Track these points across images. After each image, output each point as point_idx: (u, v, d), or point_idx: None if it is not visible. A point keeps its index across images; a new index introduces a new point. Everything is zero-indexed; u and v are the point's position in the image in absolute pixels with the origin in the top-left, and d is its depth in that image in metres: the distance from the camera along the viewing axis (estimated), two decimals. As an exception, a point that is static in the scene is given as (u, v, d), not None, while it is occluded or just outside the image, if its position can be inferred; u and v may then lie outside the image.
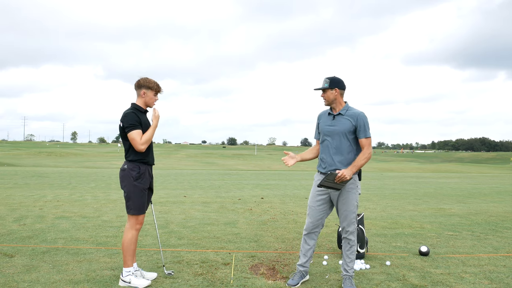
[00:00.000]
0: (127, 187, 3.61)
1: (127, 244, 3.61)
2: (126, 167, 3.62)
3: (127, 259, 3.61)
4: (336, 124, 3.61)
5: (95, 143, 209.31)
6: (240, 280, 3.74)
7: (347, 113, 3.61)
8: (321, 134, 3.71)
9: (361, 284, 3.67)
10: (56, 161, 47.08)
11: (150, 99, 3.77)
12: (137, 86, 3.76)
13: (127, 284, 3.54)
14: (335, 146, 3.60)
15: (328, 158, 3.62)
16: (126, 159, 3.67)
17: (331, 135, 3.61)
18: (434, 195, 12.24)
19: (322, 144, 3.69)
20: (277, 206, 8.81)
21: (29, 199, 9.27)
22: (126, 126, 3.56)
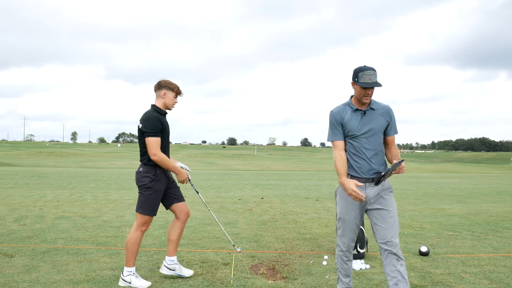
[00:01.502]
0: (142, 188, 3.62)
1: (130, 244, 3.61)
2: (142, 169, 3.62)
3: (129, 259, 3.61)
4: (371, 121, 3.06)
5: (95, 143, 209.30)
6: (240, 280, 3.74)
7: (378, 107, 3.11)
8: (349, 134, 3.08)
9: (361, 284, 3.67)
10: (56, 161, 47.08)
11: (170, 100, 3.73)
12: (158, 87, 3.73)
13: (127, 284, 3.54)
14: (372, 147, 3.06)
15: (363, 162, 3.05)
16: (141, 162, 3.66)
17: (368, 135, 3.05)
18: (434, 195, 12.23)
19: (353, 146, 3.08)
20: (277, 206, 8.81)
21: (29, 199, 9.27)
22: (146, 131, 3.52)
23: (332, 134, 3.16)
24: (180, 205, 3.81)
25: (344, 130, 3.11)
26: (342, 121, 3.11)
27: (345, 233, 3.13)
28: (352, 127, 3.07)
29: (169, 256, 3.77)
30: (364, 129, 3.05)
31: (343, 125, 3.11)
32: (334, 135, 3.14)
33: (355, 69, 3.03)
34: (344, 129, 3.11)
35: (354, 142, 3.08)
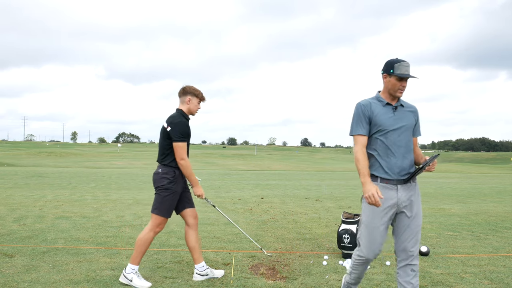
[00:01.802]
0: (159, 189, 3.63)
1: (141, 243, 3.61)
2: (161, 171, 3.64)
3: (136, 257, 3.61)
4: (403, 118, 2.87)
5: (95, 143, 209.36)
6: (240, 280, 3.74)
7: (406, 105, 2.94)
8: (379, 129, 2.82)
9: (361, 284, 3.66)
10: (56, 161, 47.09)
11: (195, 106, 3.81)
12: (183, 92, 3.81)
13: (127, 282, 3.54)
14: (404, 145, 2.83)
15: (394, 161, 2.80)
16: (160, 163, 3.68)
17: (400, 132, 2.83)
18: (434, 195, 12.24)
19: (383, 143, 2.81)
20: (277, 206, 8.81)
21: (29, 199, 9.28)
22: (175, 134, 3.58)
23: (356, 127, 2.88)
24: (190, 211, 3.82)
25: (372, 125, 2.85)
26: (371, 115, 2.85)
27: (374, 241, 2.80)
28: (383, 122, 2.82)
29: (197, 263, 3.76)
30: (396, 125, 2.83)
31: (372, 119, 2.85)
32: (358, 129, 2.86)
33: (388, 61, 2.84)
34: (373, 124, 2.85)
35: (384, 139, 2.81)
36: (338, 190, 13.45)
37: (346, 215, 4.67)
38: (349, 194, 11.99)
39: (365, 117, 2.86)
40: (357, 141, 2.87)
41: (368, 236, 2.83)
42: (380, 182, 2.81)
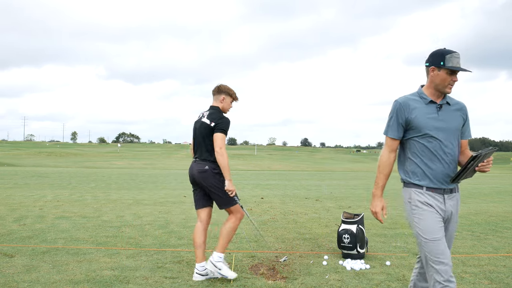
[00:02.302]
0: (215, 185, 3.69)
1: (230, 233, 3.72)
2: (208, 167, 3.70)
3: (224, 246, 3.73)
4: (449, 118, 2.53)
5: (95, 143, 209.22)
6: (240, 280, 3.74)
7: (452, 102, 2.59)
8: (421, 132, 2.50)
9: (361, 284, 3.67)
10: (56, 161, 47.08)
11: (228, 105, 3.92)
12: (217, 91, 3.91)
13: (216, 270, 3.63)
14: (451, 150, 2.51)
15: (440, 168, 2.49)
16: (205, 159, 3.73)
17: (445, 134, 2.50)
18: (434, 195, 12.23)
19: (425, 147, 2.50)
20: (277, 206, 8.81)
21: (29, 199, 9.28)
22: (219, 127, 3.68)
23: (388, 128, 2.59)
24: (209, 209, 3.90)
25: (411, 127, 2.52)
26: (409, 115, 2.52)
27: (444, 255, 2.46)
28: (425, 123, 2.49)
29: (199, 262, 3.77)
30: (441, 126, 2.49)
31: (410, 121, 2.52)
32: (391, 130, 2.57)
33: (437, 52, 2.52)
34: (411, 126, 2.52)
35: (427, 143, 2.50)
36: (338, 190, 13.45)
37: (346, 215, 4.67)
38: (349, 194, 11.99)
39: (400, 117, 2.55)
40: (386, 143, 2.61)
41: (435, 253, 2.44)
42: (426, 190, 2.51)
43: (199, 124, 3.82)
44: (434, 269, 2.43)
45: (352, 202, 9.87)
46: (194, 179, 3.77)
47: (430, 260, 2.44)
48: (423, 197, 2.50)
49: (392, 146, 2.60)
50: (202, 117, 3.84)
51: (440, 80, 2.49)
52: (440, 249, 2.45)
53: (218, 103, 3.89)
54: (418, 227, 2.50)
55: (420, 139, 2.52)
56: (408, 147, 2.58)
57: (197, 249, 3.80)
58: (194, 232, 3.85)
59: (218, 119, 3.73)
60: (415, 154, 2.55)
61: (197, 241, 3.81)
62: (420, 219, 2.49)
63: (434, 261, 2.43)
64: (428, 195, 2.50)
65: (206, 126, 3.73)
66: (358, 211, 8.04)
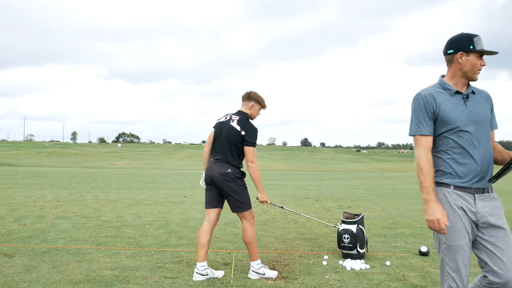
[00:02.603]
0: (235, 189, 3.74)
1: (253, 239, 3.80)
2: (230, 171, 3.73)
3: (255, 253, 3.81)
4: (477, 109, 2.32)
5: (95, 143, 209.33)
6: (240, 280, 3.74)
7: (477, 90, 2.40)
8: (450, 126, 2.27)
9: (361, 284, 3.67)
10: (56, 161, 47.08)
11: (256, 112, 3.98)
12: (247, 97, 3.96)
13: (259, 276, 3.74)
14: (483, 144, 2.29)
15: (471, 165, 2.27)
16: (228, 163, 3.75)
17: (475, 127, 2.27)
18: (434, 195, 12.22)
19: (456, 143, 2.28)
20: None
21: (29, 199, 9.28)
22: (250, 140, 3.77)
23: (417, 126, 2.31)
24: (219, 210, 3.93)
25: (439, 122, 2.28)
26: (437, 108, 2.28)
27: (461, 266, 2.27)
28: (454, 116, 2.26)
29: (200, 262, 3.77)
30: (471, 118, 2.27)
31: (438, 114, 2.28)
32: (421, 127, 2.30)
33: (462, 36, 2.33)
34: (440, 120, 2.28)
35: (457, 138, 2.27)
36: (338, 190, 13.44)
37: (346, 215, 4.67)
38: (349, 194, 11.99)
39: (428, 112, 2.28)
40: (419, 143, 2.30)
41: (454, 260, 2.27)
42: (454, 189, 2.28)
43: (227, 128, 3.81)
44: (450, 275, 2.29)
45: (352, 202, 9.87)
46: (213, 180, 3.77)
47: (447, 266, 2.30)
48: (450, 198, 2.27)
49: (428, 144, 2.30)
50: (230, 121, 3.84)
51: (471, 66, 2.30)
52: (460, 256, 2.25)
53: (246, 109, 3.94)
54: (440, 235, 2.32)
55: (450, 134, 2.28)
56: (435, 144, 2.34)
57: (200, 249, 3.79)
58: (200, 232, 3.85)
59: (249, 129, 3.79)
60: (443, 151, 2.31)
61: (201, 240, 3.81)
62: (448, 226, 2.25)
63: (451, 267, 2.28)
64: (456, 195, 2.27)
65: (236, 133, 3.76)
66: (358, 211, 8.04)
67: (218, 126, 3.92)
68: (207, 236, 3.83)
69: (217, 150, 3.85)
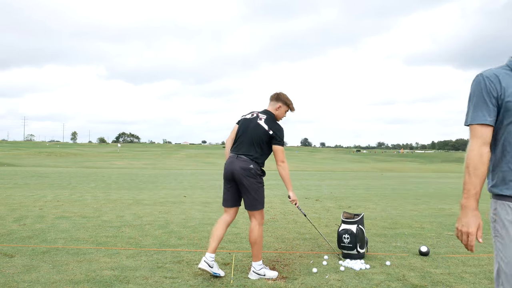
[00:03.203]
0: (254, 185, 3.75)
1: (259, 240, 3.79)
2: (253, 166, 3.74)
3: (259, 254, 3.81)
4: None
5: (95, 143, 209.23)
6: (240, 280, 3.74)
7: None
8: None
9: (361, 284, 3.67)
10: (56, 161, 47.08)
11: (282, 114, 4.01)
12: (276, 98, 4.00)
13: (260, 277, 3.74)
14: None
15: None
16: (252, 159, 3.76)
17: None
18: (434, 195, 12.24)
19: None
20: (277, 206, 8.81)
21: (29, 199, 9.28)
22: (279, 139, 3.80)
23: (475, 113, 1.84)
24: (237, 209, 3.99)
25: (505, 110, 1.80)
26: (502, 92, 1.80)
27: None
28: None
29: (210, 253, 3.78)
30: None
31: (503, 100, 1.80)
32: (480, 115, 1.82)
33: None
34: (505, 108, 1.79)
35: None
36: (338, 190, 13.45)
37: (346, 215, 4.67)
38: (349, 194, 11.99)
39: (490, 96, 1.81)
40: (474, 134, 1.82)
41: None
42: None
43: (254, 125, 3.83)
44: None
45: (352, 202, 9.87)
46: (233, 174, 3.76)
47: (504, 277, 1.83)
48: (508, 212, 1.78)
49: (485, 137, 1.81)
50: (257, 119, 3.87)
51: None
52: None
53: (273, 109, 3.96)
54: (500, 255, 1.84)
55: None
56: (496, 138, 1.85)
57: (213, 240, 3.80)
58: (217, 223, 3.88)
59: (277, 129, 3.81)
60: (507, 150, 1.82)
61: (216, 232, 3.82)
62: (503, 244, 1.82)
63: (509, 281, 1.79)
64: None
65: (264, 131, 3.79)
66: (358, 211, 8.04)
67: (243, 122, 3.91)
68: (222, 230, 3.85)
69: (240, 146, 3.83)
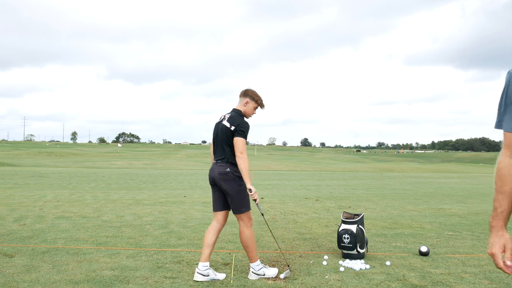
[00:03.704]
0: (234, 188, 3.71)
1: (250, 242, 3.75)
2: (229, 170, 3.71)
3: (254, 255, 3.77)
4: None
5: (95, 143, 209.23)
6: (240, 280, 3.74)
7: None
8: None
9: (361, 284, 3.67)
10: (56, 161, 47.08)
11: (250, 110, 3.90)
12: (244, 94, 3.91)
13: (259, 277, 3.73)
14: None
15: None
16: (226, 162, 3.74)
17: None
18: (434, 195, 12.24)
19: None
20: (277, 206, 8.81)
21: (29, 199, 9.28)
22: (239, 130, 3.68)
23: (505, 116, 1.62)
24: (227, 213, 3.94)
25: None
26: None
27: None
28: None
29: (203, 261, 3.76)
30: None
31: None
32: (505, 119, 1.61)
33: None
34: None
35: None
36: (338, 190, 13.45)
37: (346, 215, 4.67)
38: (349, 194, 11.99)
39: None
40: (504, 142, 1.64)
41: None
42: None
43: (220, 127, 3.82)
44: None
45: (352, 202, 9.87)
46: (214, 180, 3.79)
47: None
48: None
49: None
50: (223, 119, 3.85)
51: None
52: None
53: (241, 106, 3.90)
54: None
55: None
56: None
57: (205, 248, 3.79)
58: (207, 231, 3.87)
59: (239, 122, 3.74)
60: None
61: (207, 240, 3.81)
62: None
63: None
64: None
65: (227, 129, 3.74)
66: (358, 211, 8.04)
67: (215, 128, 3.95)
68: (213, 237, 3.82)
69: (216, 151, 3.88)
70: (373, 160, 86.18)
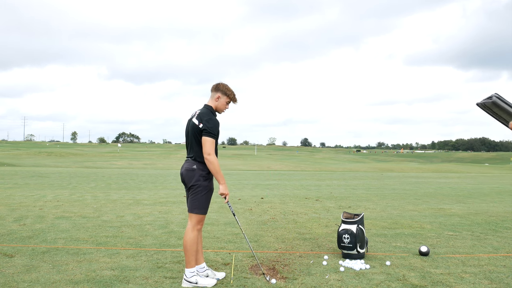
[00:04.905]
0: (197, 186, 3.58)
1: (190, 245, 3.58)
2: (196, 167, 3.59)
3: (190, 260, 3.60)
4: None
5: (95, 143, 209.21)
6: (240, 280, 3.74)
7: None
8: None
9: (361, 284, 3.67)
10: (56, 161, 47.08)
11: (222, 105, 3.75)
12: (215, 88, 3.75)
13: (192, 285, 3.54)
14: None
15: None
16: (194, 159, 3.62)
17: None
18: (434, 195, 12.23)
19: None
20: (277, 206, 8.81)
21: (29, 199, 9.28)
22: (207, 130, 3.52)
23: None
24: None
25: None
26: None
27: None
28: None
29: (198, 264, 3.73)
30: None
31: None
32: None
33: None
34: None
35: None
36: (338, 190, 13.45)
37: (346, 215, 4.67)
38: (349, 194, 11.99)
39: None
40: None
41: None
42: None
43: (190, 124, 3.68)
44: None
45: (352, 202, 9.87)
46: (183, 177, 3.68)
47: None
48: None
49: None
50: (194, 117, 3.69)
51: None
52: None
53: (212, 101, 3.74)
54: None
55: None
56: None
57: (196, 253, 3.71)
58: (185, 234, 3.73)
59: (207, 120, 3.56)
60: None
61: None
62: None
63: None
64: None
65: (195, 127, 3.59)
66: (358, 211, 8.04)
67: (186, 125, 3.79)
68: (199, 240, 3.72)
69: (187, 149, 3.76)
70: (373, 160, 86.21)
